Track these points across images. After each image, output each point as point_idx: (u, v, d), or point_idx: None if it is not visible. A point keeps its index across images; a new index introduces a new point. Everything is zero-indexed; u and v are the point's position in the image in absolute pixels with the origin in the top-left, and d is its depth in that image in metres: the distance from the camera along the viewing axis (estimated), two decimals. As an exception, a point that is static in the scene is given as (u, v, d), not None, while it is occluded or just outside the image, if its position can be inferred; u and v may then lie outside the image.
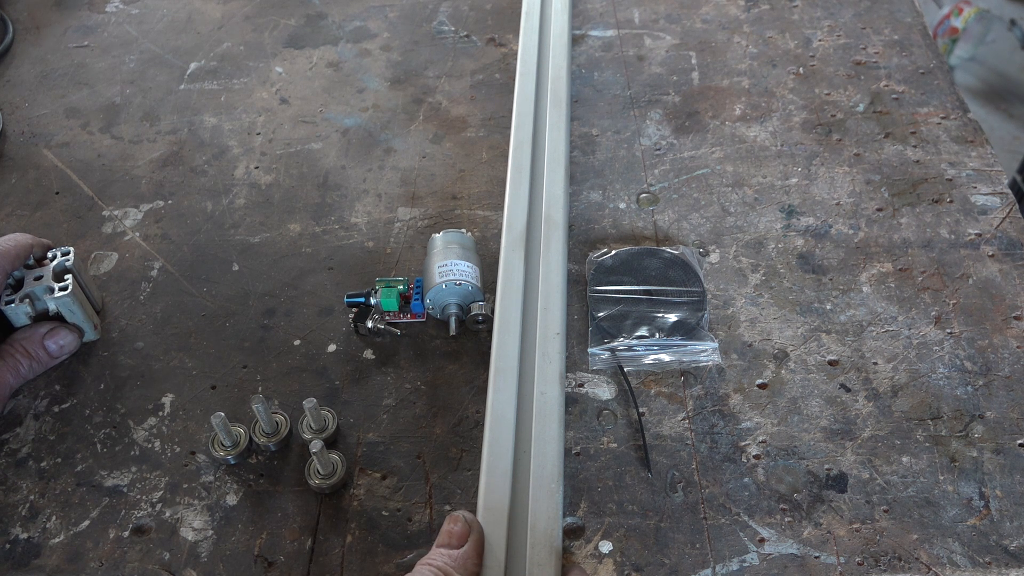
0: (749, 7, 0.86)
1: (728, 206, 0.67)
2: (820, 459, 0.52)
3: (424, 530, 0.50)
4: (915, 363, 0.56)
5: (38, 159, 0.76)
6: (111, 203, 0.71)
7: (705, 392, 0.56)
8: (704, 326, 0.58)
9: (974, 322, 0.58)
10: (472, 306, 0.58)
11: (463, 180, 0.71)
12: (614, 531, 0.50)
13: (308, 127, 0.77)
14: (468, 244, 0.61)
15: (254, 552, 0.50)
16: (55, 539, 0.51)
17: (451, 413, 0.56)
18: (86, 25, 0.91)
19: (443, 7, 0.89)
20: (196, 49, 0.86)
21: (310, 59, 0.84)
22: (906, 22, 0.83)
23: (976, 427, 0.53)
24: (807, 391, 0.55)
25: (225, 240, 0.68)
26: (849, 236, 0.64)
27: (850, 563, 0.48)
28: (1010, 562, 0.47)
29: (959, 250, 0.63)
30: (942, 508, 0.50)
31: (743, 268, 0.63)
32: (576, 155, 0.72)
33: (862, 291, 0.61)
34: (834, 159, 0.70)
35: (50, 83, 0.84)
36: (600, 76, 0.80)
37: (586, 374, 0.57)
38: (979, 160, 0.69)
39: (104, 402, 0.57)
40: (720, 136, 0.73)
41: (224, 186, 0.72)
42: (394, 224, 0.68)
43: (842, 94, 0.76)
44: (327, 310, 0.62)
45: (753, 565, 0.48)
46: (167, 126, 0.78)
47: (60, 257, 0.59)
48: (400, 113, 0.78)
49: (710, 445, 0.53)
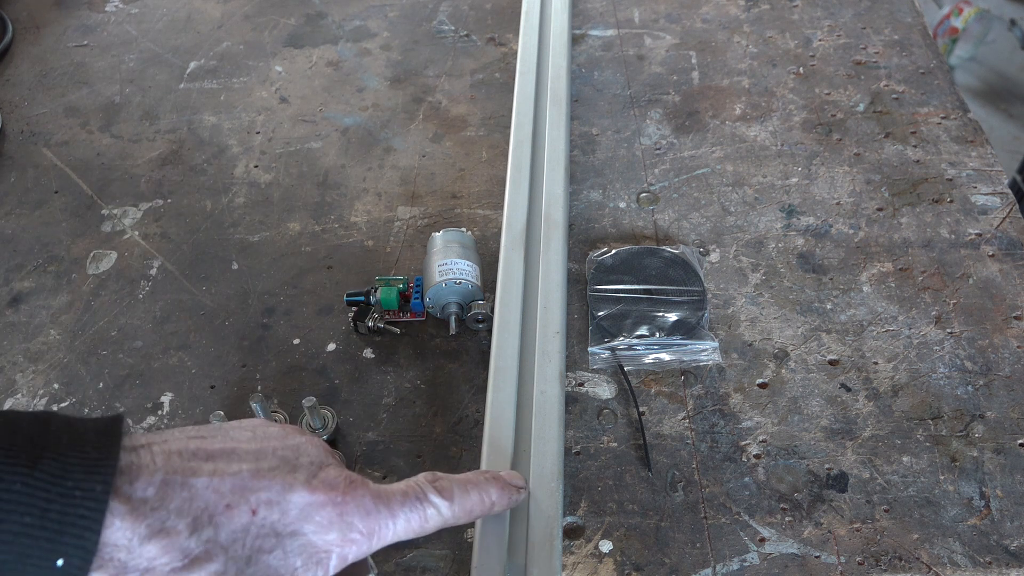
0: (749, 7, 0.86)
1: (728, 205, 0.67)
2: (820, 459, 0.52)
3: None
4: (915, 363, 0.56)
5: (37, 158, 0.76)
6: (110, 202, 0.71)
7: (705, 391, 0.56)
8: (704, 325, 0.58)
9: (974, 322, 0.58)
10: (472, 305, 0.58)
11: (463, 179, 0.71)
12: (614, 530, 0.50)
13: (308, 126, 0.77)
14: (468, 243, 0.61)
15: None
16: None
17: (451, 412, 0.56)
18: (86, 24, 0.91)
19: (443, 6, 0.89)
20: (196, 48, 0.86)
21: (310, 58, 0.84)
22: (906, 22, 0.83)
23: (976, 427, 0.53)
24: (807, 391, 0.55)
25: (224, 239, 0.67)
26: (849, 236, 0.64)
27: (850, 563, 0.48)
28: (1011, 562, 0.47)
29: (959, 250, 0.63)
30: (943, 508, 0.49)
31: (743, 267, 0.63)
32: (576, 154, 0.72)
33: (862, 291, 0.61)
34: (834, 159, 0.70)
35: (50, 82, 0.84)
36: (600, 75, 0.80)
37: (586, 373, 0.57)
38: (979, 160, 0.69)
39: (103, 401, 0.57)
40: (720, 136, 0.73)
41: (223, 185, 0.72)
42: (394, 223, 0.68)
43: (842, 94, 0.76)
44: (327, 309, 0.62)
45: (753, 564, 0.48)
46: (166, 125, 0.78)
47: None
48: (400, 112, 0.78)
49: (710, 444, 0.53)
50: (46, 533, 0.28)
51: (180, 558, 0.31)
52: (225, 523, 0.32)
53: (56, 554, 0.29)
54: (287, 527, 0.33)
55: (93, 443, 0.31)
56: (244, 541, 0.32)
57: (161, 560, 0.31)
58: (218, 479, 0.33)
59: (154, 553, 0.31)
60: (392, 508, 0.36)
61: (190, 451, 0.33)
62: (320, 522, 0.34)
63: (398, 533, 0.36)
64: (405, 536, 0.37)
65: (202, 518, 0.32)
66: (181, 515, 0.31)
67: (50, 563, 0.28)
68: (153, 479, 0.32)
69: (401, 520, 0.36)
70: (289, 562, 0.33)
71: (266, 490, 0.33)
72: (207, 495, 0.32)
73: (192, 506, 0.32)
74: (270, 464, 0.34)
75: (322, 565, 0.34)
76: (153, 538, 0.31)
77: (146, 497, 0.31)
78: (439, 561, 0.49)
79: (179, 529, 0.31)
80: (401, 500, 0.36)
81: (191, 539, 0.31)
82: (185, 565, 0.31)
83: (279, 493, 0.33)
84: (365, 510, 0.35)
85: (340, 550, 0.34)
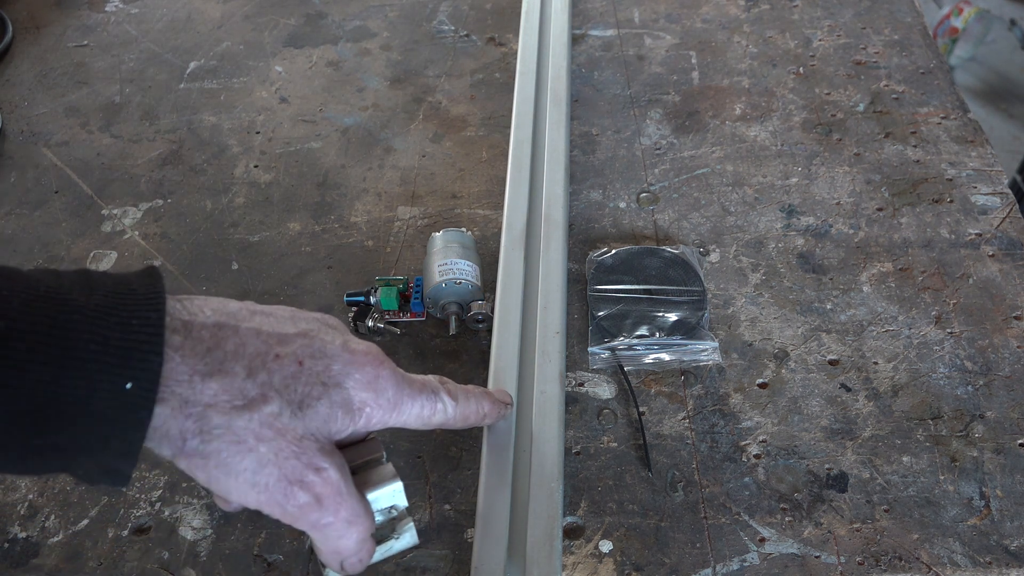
0: (749, 7, 0.86)
1: (728, 205, 0.67)
2: (820, 459, 0.52)
3: (424, 529, 0.50)
4: (915, 363, 0.56)
5: (37, 158, 0.76)
6: (110, 202, 0.71)
7: (705, 391, 0.56)
8: (704, 325, 0.58)
9: (974, 322, 0.58)
10: (472, 305, 0.58)
11: (463, 179, 0.71)
12: (614, 530, 0.49)
13: (308, 126, 0.77)
14: (468, 243, 0.61)
15: (253, 551, 0.50)
16: (54, 538, 0.51)
17: (451, 412, 0.55)
18: (86, 24, 0.91)
19: (443, 6, 0.89)
20: (196, 48, 0.86)
21: (310, 58, 0.84)
22: (906, 22, 0.83)
23: (976, 427, 0.53)
24: (807, 391, 0.55)
25: (224, 239, 0.67)
26: (849, 236, 0.64)
27: (850, 563, 0.48)
28: (1011, 562, 0.47)
29: (959, 250, 0.63)
30: (943, 508, 0.49)
31: (743, 267, 0.63)
32: (576, 154, 0.72)
33: (862, 291, 0.61)
34: (834, 159, 0.70)
35: (49, 82, 0.84)
36: (600, 75, 0.80)
37: (586, 373, 0.57)
38: (979, 160, 0.69)
39: (103, 401, 0.57)
40: (720, 136, 0.73)
41: (223, 185, 0.72)
42: (394, 223, 0.68)
43: (842, 94, 0.76)
44: (327, 309, 0.62)
45: (753, 564, 0.48)
46: (166, 125, 0.78)
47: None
48: (400, 112, 0.78)
49: (710, 444, 0.53)
50: (111, 359, 0.30)
51: (240, 397, 0.33)
52: (277, 370, 0.34)
53: (124, 378, 0.30)
54: (331, 379, 0.36)
55: (138, 283, 0.32)
56: (295, 388, 0.34)
57: (222, 397, 0.32)
58: (266, 331, 0.35)
59: (215, 390, 0.32)
60: (413, 391, 0.39)
61: (232, 309, 0.35)
62: (359, 380, 0.36)
63: (412, 415, 0.39)
64: (415, 423, 0.39)
65: (255, 363, 0.34)
66: (237, 358, 0.33)
67: (119, 387, 0.30)
68: (206, 322, 0.33)
69: (418, 405, 0.39)
70: (333, 412, 0.35)
71: (308, 345, 0.36)
72: (257, 343, 0.34)
73: (245, 351, 0.34)
74: (307, 325, 0.37)
75: (354, 420, 0.36)
76: (213, 376, 0.32)
77: (201, 336, 0.33)
78: (439, 561, 0.49)
79: (236, 371, 0.33)
80: (420, 388, 0.39)
81: (247, 381, 0.33)
82: (245, 404, 0.33)
83: (320, 349, 0.36)
84: (395, 382, 0.38)
85: (370, 410, 0.37)
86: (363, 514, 0.37)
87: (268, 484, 0.33)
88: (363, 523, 0.37)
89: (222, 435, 0.32)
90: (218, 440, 0.32)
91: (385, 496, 0.40)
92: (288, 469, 0.34)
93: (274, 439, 0.33)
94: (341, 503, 0.35)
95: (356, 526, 0.36)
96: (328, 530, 0.35)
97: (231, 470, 0.33)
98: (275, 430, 0.33)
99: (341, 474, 0.35)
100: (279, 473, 0.33)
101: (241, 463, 0.33)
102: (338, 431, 0.36)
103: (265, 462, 0.33)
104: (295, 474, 0.34)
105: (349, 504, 0.36)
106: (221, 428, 0.32)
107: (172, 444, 0.32)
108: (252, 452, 0.33)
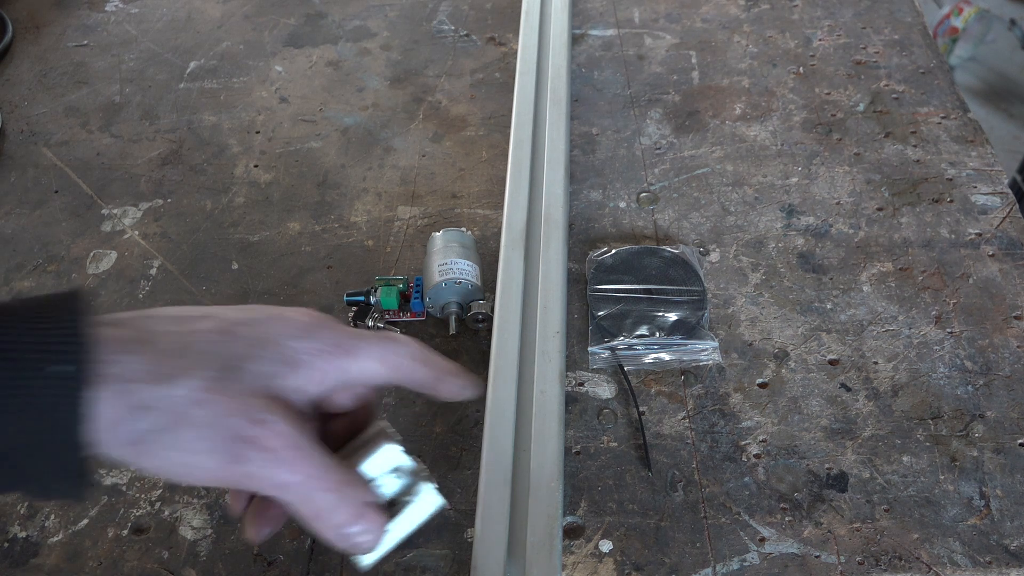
0: (749, 7, 0.86)
1: (728, 205, 0.67)
2: (820, 458, 0.52)
3: (424, 529, 0.50)
4: (915, 362, 0.56)
5: (37, 158, 0.76)
6: (110, 201, 0.71)
7: (705, 391, 0.56)
8: (704, 325, 0.58)
9: (974, 322, 0.58)
10: (472, 305, 0.58)
11: (463, 179, 0.71)
12: (614, 530, 0.49)
13: (308, 126, 0.77)
14: (468, 243, 0.61)
15: (253, 551, 0.50)
16: (54, 538, 0.51)
17: (451, 412, 0.55)
18: (86, 24, 0.91)
19: (443, 6, 0.89)
20: (196, 48, 0.86)
21: (310, 58, 0.84)
22: (906, 22, 0.83)
23: (976, 426, 0.53)
24: (807, 390, 0.55)
25: (224, 238, 0.67)
26: (849, 235, 0.64)
27: (850, 562, 0.48)
28: (1011, 561, 0.47)
29: (959, 250, 0.63)
30: (943, 507, 0.49)
31: (743, 267, 0.63)
32: (576, 154, 0.72)
33: (862, 290, 0.61)
34: (834, 158, 0.70)
35: (49, 82, 0.84)
36: (600, 75, 0.80)
37: (586, 373, 0.57)
38: (979, 160, 0.69)
39: (103, 401, 0.57)
40: (720, 135, 0.73)
41: (223, 184, 0.72)
42: (394, 223, 0.68)
43: (842, 94, 0.76)
44: (326, 309, 0.62)
45: (753, 564, 0.48)
46: (166, 125, 0.78)
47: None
48: (400, 112, 0.78)
49: (710, 444, 0.53)
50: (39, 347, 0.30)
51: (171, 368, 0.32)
52: (206, 338, 0.34)
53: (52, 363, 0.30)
54: (264, 337, 0.35)
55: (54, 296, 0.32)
56: (230, 350, 0.34)
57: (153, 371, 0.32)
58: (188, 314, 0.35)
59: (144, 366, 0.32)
60: (361, 334, 0.37)
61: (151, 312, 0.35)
62: (292, 332, 0.35)
63: (373, 355, 0.36)
64: (384, 369, 0.37)
65: (185, 338, 0.33)
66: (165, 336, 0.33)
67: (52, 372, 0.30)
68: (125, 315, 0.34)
69: (374, 344, 0.37)
70: (274, 367, 0.34)
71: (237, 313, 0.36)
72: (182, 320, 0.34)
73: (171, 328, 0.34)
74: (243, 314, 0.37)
75: (297, 370, 0.35)
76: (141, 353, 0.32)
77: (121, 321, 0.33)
78: (439, 561, 0.49)
79: (164, 346, 0.33)
80: (370, 333, 0.38)
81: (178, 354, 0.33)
82: (177, 373, 0.32)
83: (249, 316, 0.36)
84: (333, 327, 0.36)
85: (312, 358, 0.35)
86: (343, 479, 0.34)
87: (214, 448, 0.32)
88: (347, 489, 0.34)
89: (159, 407, 0.31)
90: (156, 413, 0.31)
91: (379, 459, 0.36)
92: (230, 426, 0.32)
93: (212, 401, 0.32)
94: (300, 458, 0.33)
95: (334, 492, 0.34)
96: (297, 492, 0.33)
97: (176, 443, 0.31)
98: (212, 392, 0.32)
99: (293, 428, 0.33)
100: (222, 434, 0.32)
101: (184, 433, 0.32)
102: (285, 387, 0.34)
103: (204, 424, 0.32)
104: (238, 429, 0.32)
105: (313, 461, 0.33)
106: (157, 400, 0.31)
107: (114, 431, 0.31)
108: (190, 419, 0.32)
